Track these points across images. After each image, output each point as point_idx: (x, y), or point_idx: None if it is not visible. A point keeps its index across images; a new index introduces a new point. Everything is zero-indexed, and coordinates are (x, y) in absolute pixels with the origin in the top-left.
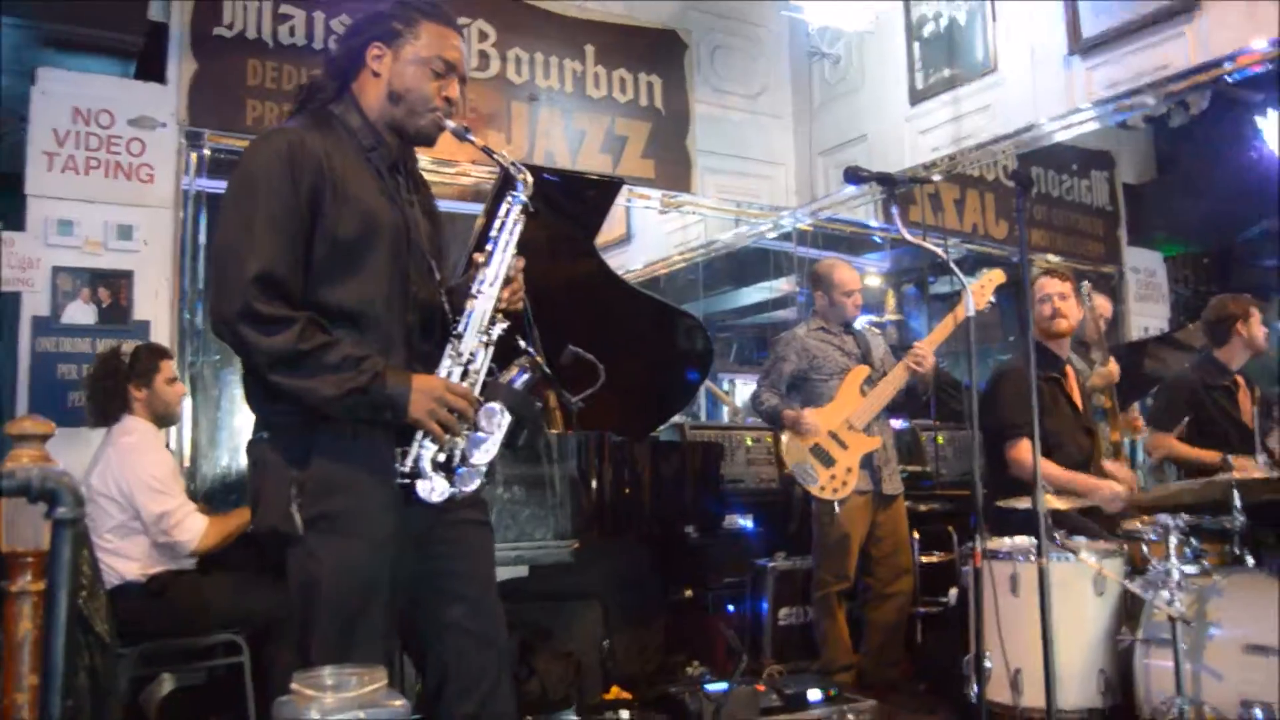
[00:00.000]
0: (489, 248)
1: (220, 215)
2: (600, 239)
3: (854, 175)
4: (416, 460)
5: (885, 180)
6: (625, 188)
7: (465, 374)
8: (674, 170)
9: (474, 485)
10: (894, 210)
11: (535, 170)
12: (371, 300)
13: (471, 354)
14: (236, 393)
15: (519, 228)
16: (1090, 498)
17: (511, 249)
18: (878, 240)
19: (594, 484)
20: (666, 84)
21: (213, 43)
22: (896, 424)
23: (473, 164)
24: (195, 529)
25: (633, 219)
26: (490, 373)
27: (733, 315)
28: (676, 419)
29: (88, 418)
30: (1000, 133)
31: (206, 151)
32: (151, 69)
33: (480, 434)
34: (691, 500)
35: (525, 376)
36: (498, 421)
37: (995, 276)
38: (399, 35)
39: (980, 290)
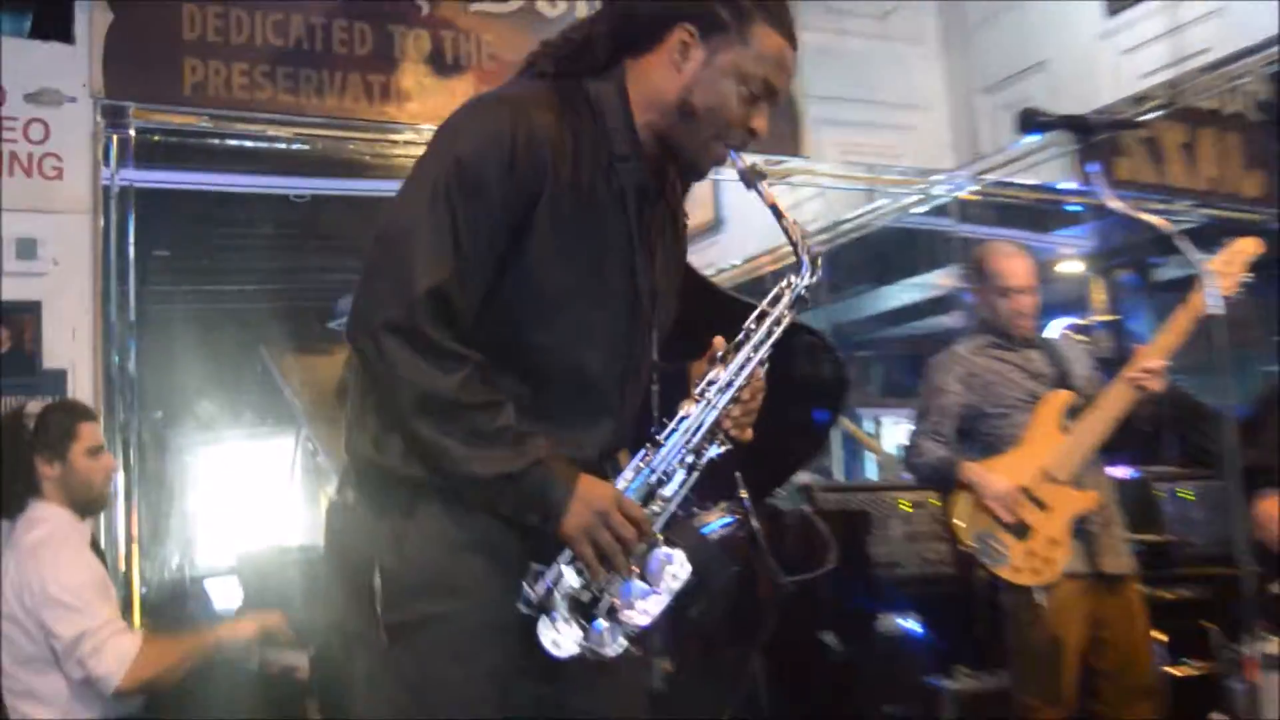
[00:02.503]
0: (738, 340)
1: (404, 187)
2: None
3: (1032, 120)
4: (550, 589)
5: (1077, 125)
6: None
7: (651, 497)
8: (777, 127)
9: (611, 651)
10: (1093, 168)
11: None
12: (572, 368)
13: (666, 474)
14: (189, 463)
15: (783, 328)
16: None
17: (764, 354)
18: (1073, 210)
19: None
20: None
21: None
22: (1118, 472)
23: None
24: (119, 655)
25: (722, 198)
26: (681, 506)
27: (872, 325)
28: (801, 477)
29: None
30: (1242, 45)
31: (132, 132)
32: (51, 23)
33: (643, 585)
34: (828, 595)
35: (727, 528)
36: (672, 574)
37: (1246, 248)
38: (724, 29)
39: (1226, 270)
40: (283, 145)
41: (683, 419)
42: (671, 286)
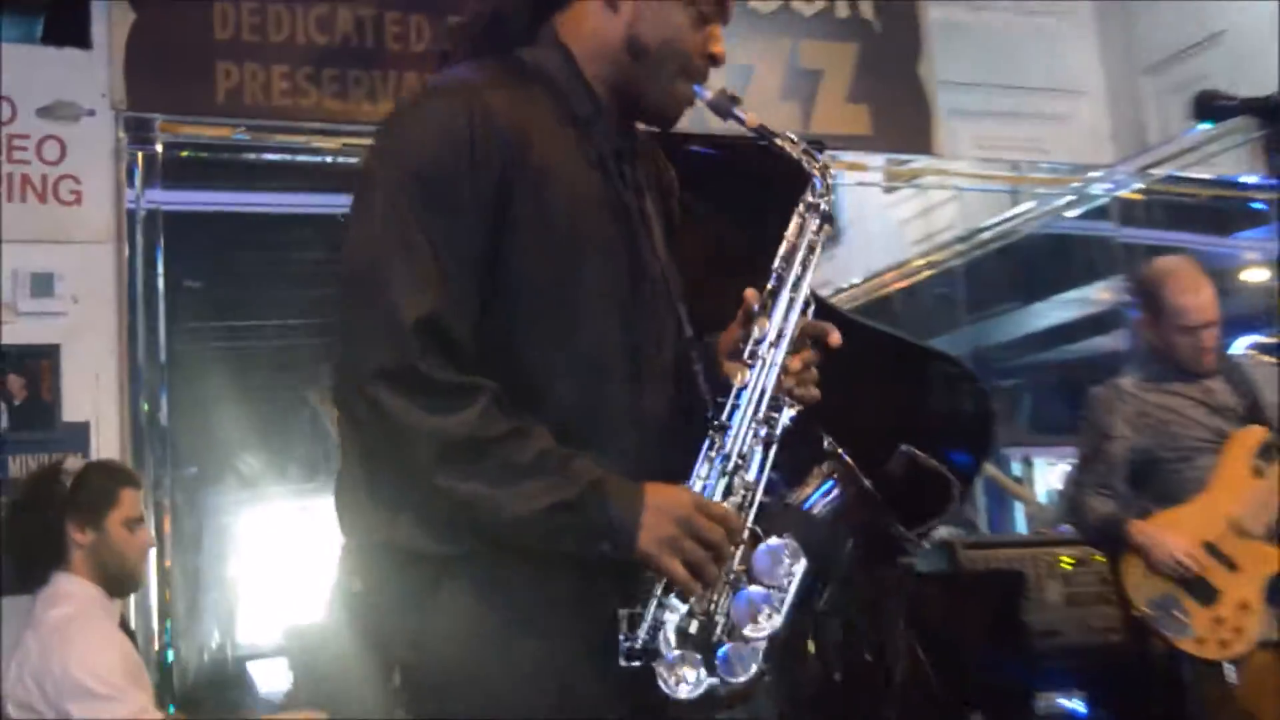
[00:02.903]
0: (771, 285)
1: (353, 220)
2: None
3: (1209, 104)
4: (653, 630)
5: (1262, 108)
6: (827, 154)
7: (730, 488)
8: (903, 119)
9: (747, 675)
10: None
11: (675, 139)
12: (589, 371)
13: (742, 457)
14: (229, 526)
15: (817, 255)
16: None
17: (805, 289)
18: (1258, 208)
19: (809, 646)
20: None
21: None
22: None
23: None
24: None
25: (841, 204)
26: (770, 489)
27: (1019, 349)
28: (940, 532)
29: None
30: None
31: (159, 148)
32: (66, 27)
33: (757, 589)
34: (975, 668)
35: (832, 495)
36: (786, 570)
37: None
38: None
39: None
40: (331, 159)
41: (741, 390)
42: (674, 256)
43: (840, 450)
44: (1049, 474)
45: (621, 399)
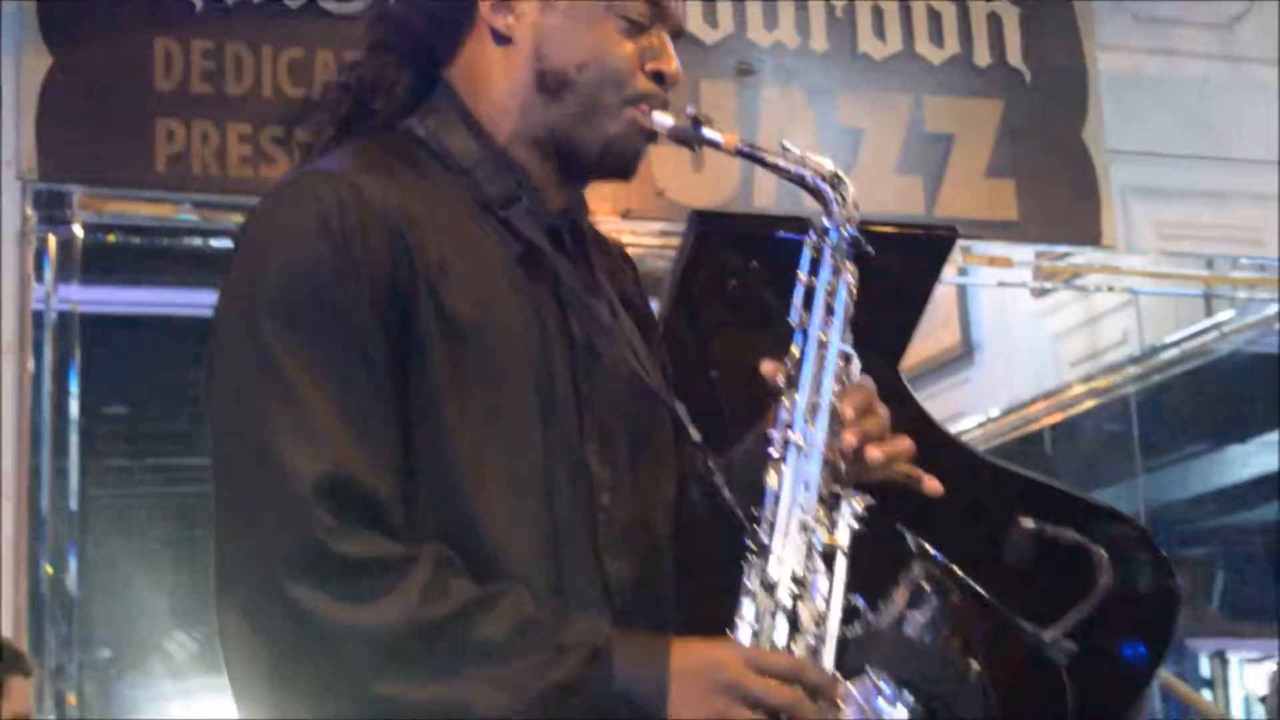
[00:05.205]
0: (795, 347)
1: (214, 373)
2: (911, 358)
3: None
4: None
5: None
6: (959, 246)
7: (794, 627)
8: (1061, 199)
9: None
10: None
11: (757, 223)
12: (520, 536)
13: (798, 582)
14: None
15: (850, 299)
16: None
17: (839, 343)
18: None
19: None
20: (1032, 15)
21: (80, 13)
22: None
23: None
24: None
25: (976, 310)
26: (850, 618)
27: (1212, 508)
28: None
29: None
30: None
31: (78, 230)
32: None
33: None
34: None
35: (929, 607)
36: (889, 715)
37: None
38: None
39: None
40: None
41: (778, 495)
42: (652, 345)
43: (926, 544)
44: (1251, 672)
45: (579, 558)
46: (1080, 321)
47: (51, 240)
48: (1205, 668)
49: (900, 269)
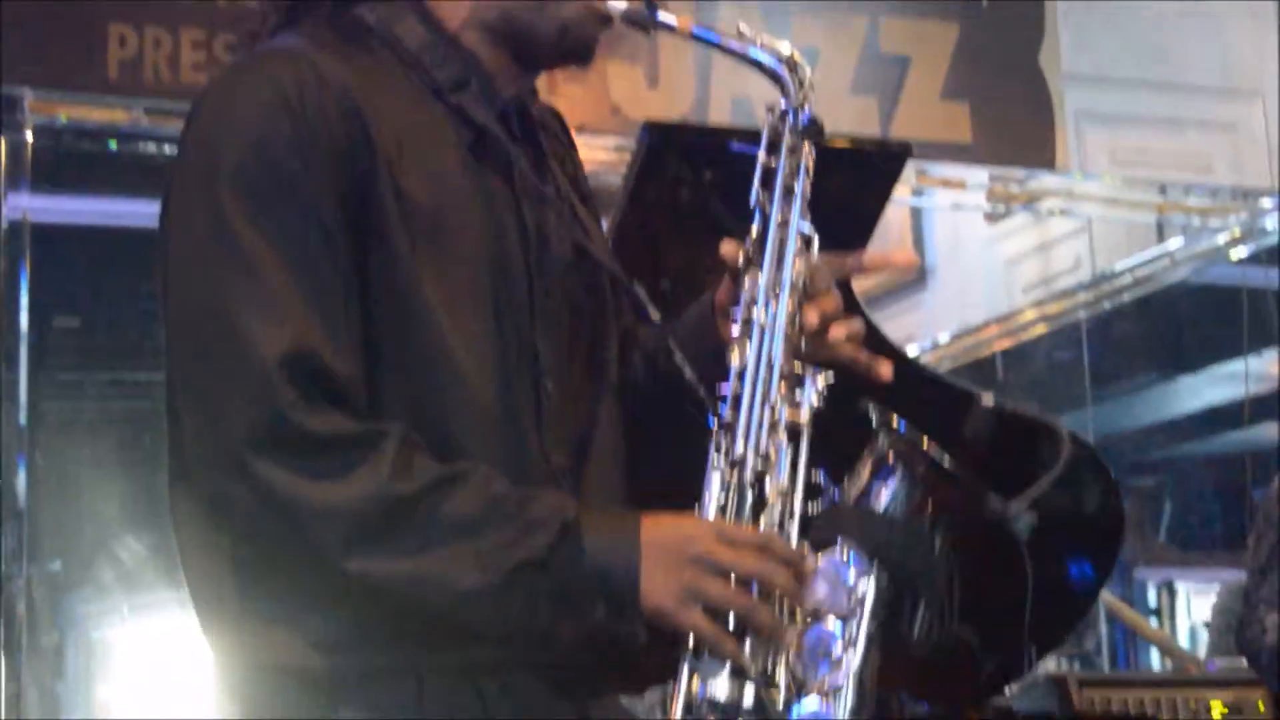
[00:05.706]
0: (755, 228)
1: (169, 243)
2: (865, 282)
3: None
4: (697, 708)
5: None
6: (914, 167)
7: (761, 503)
8: (1015, 123)
9: None
10: None
11: (710, 135)
12: (478, 417)
13: (762, 458)
14: (101, 640)
15: (808, 180)
16: None
17: (798, 223)
18: None
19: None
20: None
21: None
22: None
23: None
24: None
25: (930, 234)
26: (817, 491)
27: (1161, 438)
28: (1049, 665)
29: None
30: None
31: (29, 135)
32: None
33: (822, 627)
34: None
35: (896, 479)
36: (845, 593)
37: None
38: None
39: None
40: None
41: (742, 372)
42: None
43: (894, 418)
44: (1197, 603)
45: (524, 440)
46: (1033, 247)
47: (1, 144)
48: (1153, 597)
49: (854, 183)
